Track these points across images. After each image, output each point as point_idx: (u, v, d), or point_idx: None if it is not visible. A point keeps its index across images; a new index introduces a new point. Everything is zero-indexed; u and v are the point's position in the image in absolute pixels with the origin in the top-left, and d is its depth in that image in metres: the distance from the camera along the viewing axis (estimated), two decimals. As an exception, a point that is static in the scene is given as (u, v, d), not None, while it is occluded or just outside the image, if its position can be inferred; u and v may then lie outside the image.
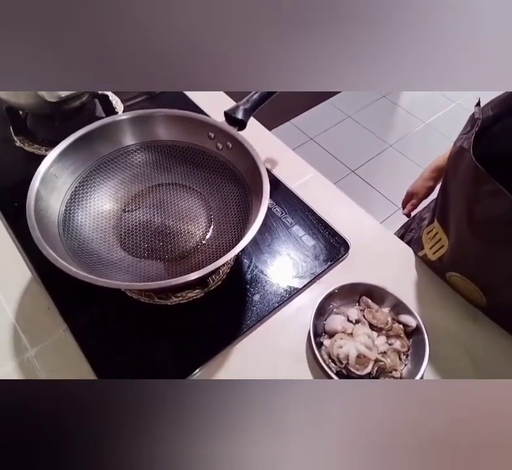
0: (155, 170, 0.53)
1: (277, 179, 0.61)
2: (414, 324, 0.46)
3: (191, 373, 0.44)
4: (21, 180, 0.43)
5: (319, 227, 0.56)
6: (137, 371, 0.44)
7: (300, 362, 0.46)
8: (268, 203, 0.41)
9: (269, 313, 0.48)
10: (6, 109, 0.64)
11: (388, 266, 0.54)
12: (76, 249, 0.44)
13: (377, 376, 0.44)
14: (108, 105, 0.67)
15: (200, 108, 0.70)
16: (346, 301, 0.49)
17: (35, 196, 0.41)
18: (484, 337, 0.48)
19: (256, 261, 0.52)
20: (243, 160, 0.47)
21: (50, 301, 0.48)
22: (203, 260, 0.48)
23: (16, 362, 0.44)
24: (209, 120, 0.49)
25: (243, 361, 0.46)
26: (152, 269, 0.47)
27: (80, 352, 0.44)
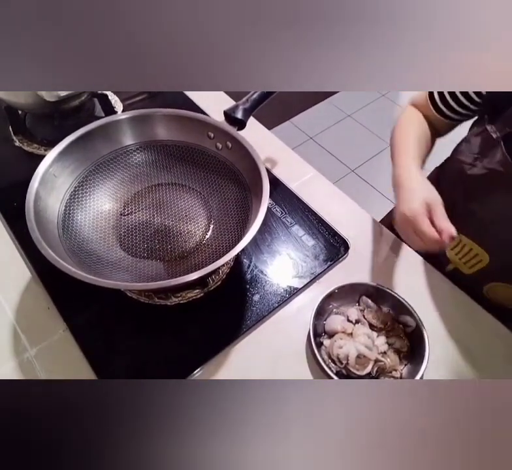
0: (155, 170, 0.53)
1: (277, 179, 0.61)
2: (414, 324, 0.46)
3: (191, 373, 0.44)
4: (20, 180, 0.43)
5: (319, 227, 0.56)
6: (137, 371, 0.44)
7: (300, 362, 0.46)
8: (267, 203, 0.41)
9: (269, 313, 0.48)
10: (5, 108, 0.64)
11: (388, 265, 0.54)
12: (75, 249, 0.44)
13: (377, 376, 0.44)
14: (107, 104, 0.67)
15: (199, 108, 0.70)
16: (346, 301, 0.49)
17: (34, 196, 0.41)
18: (484, 337, 0.48)
19: (256, 261, 0.52)
20: (242, 159, 0.47)
21: (50, 301, 0.48)
22: (203, 260, 0.48)
23: (16, 362, 0.44)
24: (209, 120, 0.49)
25: (243, 361, 0.46)
26: (152, 269, 0.47)
27: (79, 352, 0.44)
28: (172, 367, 0.44)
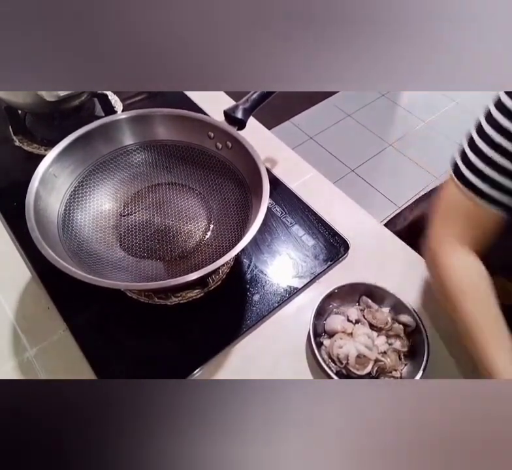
0: (155, 170, 0.53)
1: (277, 179, 0.61)
2: (414, 324, 0.46)
3: (191, 373, 0.44)
4: (20, 180, 0.43)
5: (319, 227, 0.56)
6: (137, 371, 0.44)
7: (300, 362, 0.46)
8: (267, 203, 0.41)
9: (269, 313, 0.48)
10: (5, 108, 0.64)
11: (388, 265, 0.54)
12: (75, 248, 0.44)
13: (377, 376, 0.44)
14: (107, 104, 0.67)
15: (199, 108, 0.70)
16: (346, 301, 0.49)
17: (34, 195, 0.41)
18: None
19: (256, 261, 0.52)
20: (242, 159, 0.47)
21: (50, 301, 0.48)
22: (203, 260, 0.48)
23: (16, 362, 0.44)
24: (209, 119, 0.49)
25: (243, 361, 0.46)
26: (152, 269, 0.47)
27: (79, 352, 0.44)
28: (172, 367, 0.44)
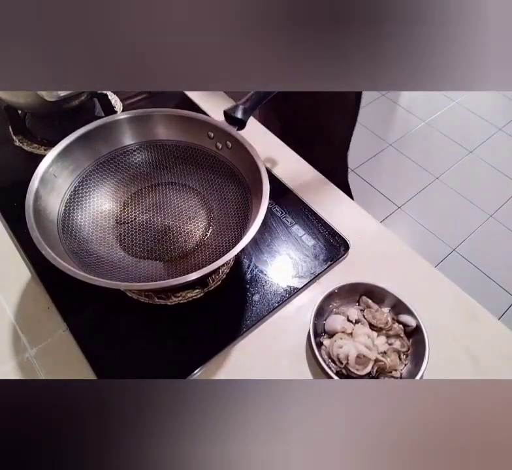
0: (155, 170, 0.53)
1: (277, 179, 0.61)
2: (414, 324, 0.46)
3: (191, 373, 0.44)
4: (20, 180, 0.43)
5: (319, 227, 0.56)
6: (137, 371, 0.44)
7: (300, 362, 0.46)
8: (267, 203, 0.41)
9: (269, 313, 0.48)
10: (5, 108, 0.64)
11: (388, 265, 0.54)
12: (75, 248, 0.44)
13: (377, 376, 0.44)
14: (107, 104, 0.67)
15: (199, 108, 0.70)
16: (346, 301, 0.49)
17: (34, 195, 0.41)
18: (484, 337, 0.48)
19: (256, 261, 0.52)
20: (242, 159, 0.47)
21: (50, 301, 0.48)
22: (203, 260, 0.48)
23: (16, 362, 0.44)
24: (209, 119, 0.49)
25: (243, 361, 0.46)
26: (152, 269, 0.47)
27: (79, 352, 0.44)
28: (172, 367, 0.44)
